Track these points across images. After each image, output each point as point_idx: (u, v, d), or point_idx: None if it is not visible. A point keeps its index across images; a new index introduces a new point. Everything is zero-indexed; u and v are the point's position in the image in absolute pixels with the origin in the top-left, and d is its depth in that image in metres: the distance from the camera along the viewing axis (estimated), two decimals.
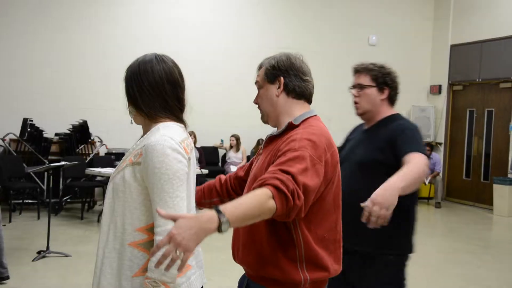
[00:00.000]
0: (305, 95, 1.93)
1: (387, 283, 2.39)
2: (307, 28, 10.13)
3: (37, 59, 8.41)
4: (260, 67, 1.98)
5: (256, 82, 1.97)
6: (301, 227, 1.76)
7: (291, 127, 1.82)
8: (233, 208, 1.47)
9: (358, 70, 2.58)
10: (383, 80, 2.55)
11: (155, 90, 1.74)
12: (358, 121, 2.85)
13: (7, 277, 4.54)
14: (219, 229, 1.43)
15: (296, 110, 1.90)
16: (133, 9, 9.04)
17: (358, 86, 2.55)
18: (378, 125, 2.55)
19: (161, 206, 1.58)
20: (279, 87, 1.90)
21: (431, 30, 11.22)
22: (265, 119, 1.96)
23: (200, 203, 2.10)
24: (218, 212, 1.43)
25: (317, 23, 10.23)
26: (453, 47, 10.74)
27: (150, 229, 1.66)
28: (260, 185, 1.57)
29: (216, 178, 2.16)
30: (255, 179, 1.86)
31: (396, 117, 2.60)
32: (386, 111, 2.62)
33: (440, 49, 10.96)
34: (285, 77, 1.89)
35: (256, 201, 1.52)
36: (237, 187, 2.10)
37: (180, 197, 1.62)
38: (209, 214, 1.43)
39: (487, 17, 10.01)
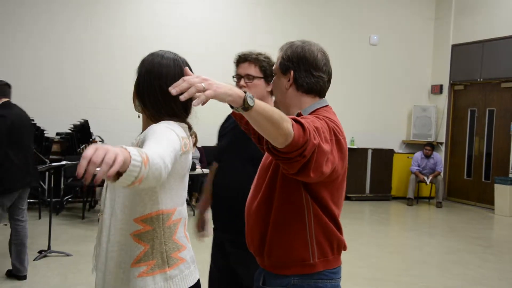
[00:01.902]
0: (314, 91, 1.90)
1: None
2: (308, 28, 10.12)
3: (38, 59, 8.41)
4: (280, 51, 1.96)
5: (273, 68, 1.96)
6: (314, 207, 1.79)
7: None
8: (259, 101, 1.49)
9: (247, 60, 2.50)
10: (270, 72, 2.48)
11: (164, 97, 1.74)
12: (358, 121, 2.85)
13: (25, 276, 4.60)
14: (245, 100, 1.43)
15: (305, 103, 1.88)
16: (136, 9, 9.04)
17: (247, 77, 2.48)
18: None
19: (154, 139, 1.55)
20: (289, 80, 1.88)
21: (432, 29, 11.21)
22: (276, 106, 1.94)
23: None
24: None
25: (318, 23, 10.22)
26: (454, 46, 10.74)
27: (145, 220, 1.68)
28: None
29: None
30: (263, 168, 1.90)
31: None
32: (271, 104, 2.57)
33: (442, 48, 10.95)
34: (295, 72, 1.86)
35: (279, 112, 1.51)
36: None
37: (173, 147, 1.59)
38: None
39: (488, 16, 10.00)
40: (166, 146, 1.54)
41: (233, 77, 2.59)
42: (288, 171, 1.64)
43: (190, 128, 1.82)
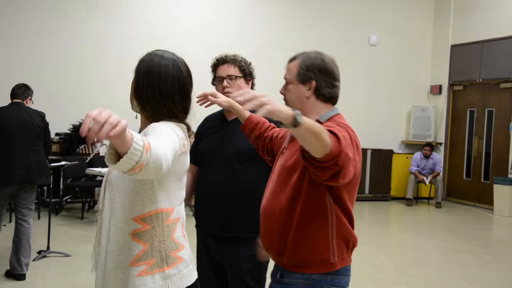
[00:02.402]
0: (332, 100, 2.02)
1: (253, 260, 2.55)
2: (307, 28, 10.13)
3: (37, 58, 8.41)
4: (291, 60, 2.02)
5: (286, 76, 2.03)
6: (336, 209, 1.90)
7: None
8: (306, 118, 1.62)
9: (226, 61, 2.62)
10: (248, 71, 2.64)
11: (164, 99, 1.74)
12: (357, 121, 2.87)
13: (23, 276, 4.64)
14: (295, 117, 1.55)
15: (322, 111, 2.00)
16: (135, 9, 9.04)
17: (229, 78, 2.59)
18: None
19: (155, 135, 1.58)
20: (309, 89, 1.97)
21: (431, 30, 11.22)
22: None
23: (245, 126, 2.29)
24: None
25: (318, 23, 10.23)
26: (453, 47, 10.74)
27: (144, 219, 1.69)
28: None
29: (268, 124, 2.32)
30: (283, 170, 1.99)
31: None
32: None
33: (441, 49, 10.96)
34: (317, 82, 1.96)
35: (319, 126, 1.63)
36: (270, 146, 2.25)
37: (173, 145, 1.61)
38: None
39: (487, 17, 10.01)
40: (167, 142, 1.55)
41: (213, 79, 2.68)
42: (320, 177, 1.75)
43: (189, 129, 1.82)
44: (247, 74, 2.64)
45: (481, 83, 10.27)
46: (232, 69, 2.60)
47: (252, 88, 2.70)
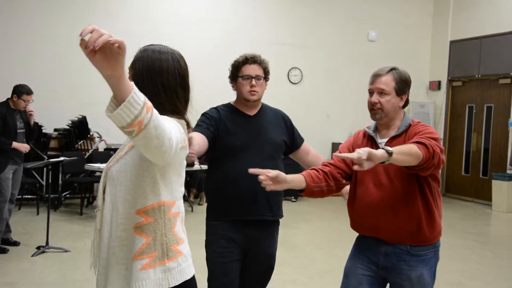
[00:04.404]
0: None
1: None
2: (307, 24, 10.11)
3: (36, 54, 8.40)
4: (380, 75, 2.37)
5: (383, 88, 2.36)
6: (438, 191, 2.38)
7: (409, 126, 2.38)
8: (393, 147, 2.07)
9: (256, 61, 2.82)
10: (269, 73, 2.89)
11: (167, 93, 1.74)
12: (356, 117, 2.92)
13: None
14: (387, 152, 1.99)
15: (401, 115, 2.44)
16: (135, 5, 9.03)
17: (257, 77, 2.80)
18: (261, 111, 2.91)
19: None
20: (401, 100, 2.40)
21: (430, 25, 11.21)
22: (380, 117, 2.38)
23: (310, 189, 2.42)
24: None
25: (317, 19, 10.21)
26: (452, 43, 10.74)
27: (147, 212, 1.68)
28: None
29: (321, 165, 2.56)
30: (388, 168, 2.33)
31: (264, 104, 2.97)
32: (260, 103, 2.95)
33: (440, 45, 10.95)
34: (407, 94, 2.42)
35: (407, 146, 2.12)
36: (340, 175, 2.50)
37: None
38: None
39: (487, 12, 10.00)
40: (171, 127, 1.56)
41: (234, 75, 2.81)
42: (425, 174, 2.25)
43: (188, 125, 1.82)
44: (266, 76, 2.86)
45: (480, 79, 10.26)
46: (260, 69, 2.81)
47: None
